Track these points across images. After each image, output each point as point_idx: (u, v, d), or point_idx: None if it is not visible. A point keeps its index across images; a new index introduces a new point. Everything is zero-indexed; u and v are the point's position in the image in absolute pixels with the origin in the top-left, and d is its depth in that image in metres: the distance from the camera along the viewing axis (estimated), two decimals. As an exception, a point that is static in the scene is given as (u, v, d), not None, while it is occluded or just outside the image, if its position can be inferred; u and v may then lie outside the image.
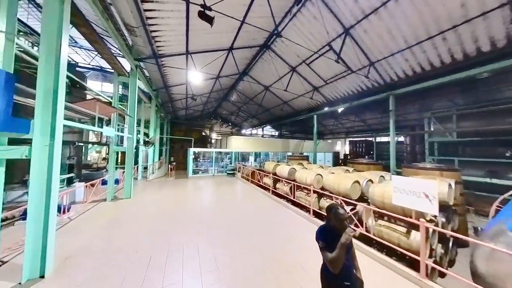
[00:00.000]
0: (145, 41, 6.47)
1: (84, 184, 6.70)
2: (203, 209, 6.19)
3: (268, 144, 17.73)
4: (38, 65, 2.87)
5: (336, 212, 1.78)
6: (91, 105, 4.41)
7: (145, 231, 4.51)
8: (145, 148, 12.00)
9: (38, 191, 2.82)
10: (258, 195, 8.21)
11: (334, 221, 1.78)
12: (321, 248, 1.78)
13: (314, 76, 11.04)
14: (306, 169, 7.27)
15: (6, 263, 3.21)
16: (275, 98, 15.47)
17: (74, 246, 3.79)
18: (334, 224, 1.78)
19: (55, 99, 2.93)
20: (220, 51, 9.02)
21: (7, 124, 2.40)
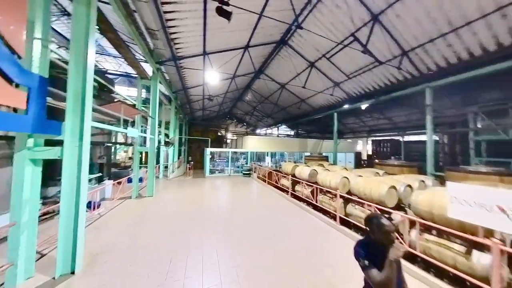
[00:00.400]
0: (165, 44, 6.64)
1: (112, 182, 7.17)
2: (221, 210, 6.11)
3: (284, 144, 17.23)
4: (68, 70, 2.99)
5: (380, 223, 1.52)
6: (117, 107, 4.60)
7: (166, 230, 4.55)
8: (166, 148, 12.55)
9: (69, 190, 2.94)
10: (276, 197, 7.89)
11: (378, 234, 1.50)
12: (364, 267, 1.47)
13: (335, 71, 10.29)
14: (329, 171, 6.74)
15: (44, 256, 3.46)
16: (292, 96, 14.93)
17: (102, 242, 3.96)
18: (378, 237, 1.51)
19: (83, 102, 3.03)
20: (236, 50, 8.92)
21: (42, 126, 2.51)
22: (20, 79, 2.18)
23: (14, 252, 2.61)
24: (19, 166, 2.66)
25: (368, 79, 9.98)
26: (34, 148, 2.81)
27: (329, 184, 5.66)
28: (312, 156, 13.36)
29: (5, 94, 2.03)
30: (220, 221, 5.16)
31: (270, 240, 4.19)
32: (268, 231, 4.60)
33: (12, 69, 2.09)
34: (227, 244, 3.99)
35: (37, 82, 2.41)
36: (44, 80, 2.56)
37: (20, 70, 2.18)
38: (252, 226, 4.93)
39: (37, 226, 2.91)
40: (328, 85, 11.61)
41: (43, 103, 2.54)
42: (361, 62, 9.00)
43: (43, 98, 2.53)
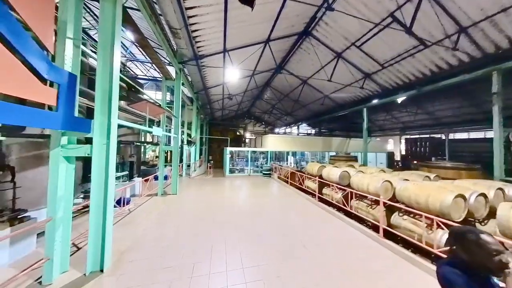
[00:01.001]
0: (187, 43, 6.64)
1: (141, 180, 7.54)
2: (244, 212, 5.82)
3: (306, 143, 16.27)
4: (96, 69, 2.99)
5: (483, 240, 1.12)
6: (143, 107, 4.67)
7: (189, 231, 4.43)
8: (188, 147, 12.94)
9: (97, 188, 2.94)
10: (302, 200, 7.29)
11: (480, 256, 1.10)
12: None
13: (367, 61, 9.13)
14: (363, 173, 5.88)
15: (80, 249, 3.60)
16: (314, 92, 13.96)
17: (130, 239, 4.00)
18: (478, 260, 1.11)
19: (110, 100, 3.00)
20: (257, 45, 8.56)
21: (71, 123, 2.50)
22: (49, 75, 2.15)
23: (50, 247, 2.68)
24: (53, 164, 2.72)
25: (409, 66, 8.57)
26: (67, 145, 2.87)
27: (366, 189, 4.86)
28: (338, 156, 12.23)
29: (35, 90, 2.00)
30: (243, 225, 4.85)
31: (299, 252, 3.70)
32: (296, 240, 4.10)
33: (41, 65, 2.06)
34: (252, 252, 3.64)
35: (66, 79, 2.40)
36: (74, 77, 2.55)
37: (49, 67, 2.15)
38: (278, 232, 4.49)
39: (71, 222, 2.98)
40: (358, 77, 10.42)
41: (73, 101, 2.53)
42: (399, 47, 7.76)
43: (72, 95, 2.52)
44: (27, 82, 1.94)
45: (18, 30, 1.83)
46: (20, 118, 1.83)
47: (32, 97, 1.98)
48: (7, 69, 1.75)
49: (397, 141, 23.70)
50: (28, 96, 1.94)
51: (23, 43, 1.87)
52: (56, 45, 2.76)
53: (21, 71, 1.87)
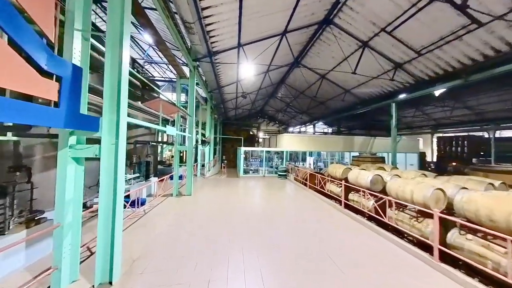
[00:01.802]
0: (200, 38, 6.37)
1: (156, 180, 7.50)
2: (261, 217, 5.33)
3: (324, 142, 15.21)
4: (104, 62, 2.74)
5: None
6: (157, 105, 4.46)
7: (204, 238, 4.08)
8: (202, 147, 12.89)
9: (106, 193, 2.69)
10: (325, 206, 6.57)
11: None
12: None
13: (399, 48, 8.00)
14: (402, 178, 4.99)
15: (93, 254, 3.44)
16: (334, 87, 12.92)
17: (143, 244, 3.77)
18: None
19: (119, 96, 2.73)
20: (273, 38, 8.01)
21: (76, 121, 2.25)
22: (49, 66, 1.88)
23: (58, 256, 2.49)
24: (61, 165, 2.53)
25: (454, 52, 7.27)
26: (76, 146, 2.66)
27: (410, 197, 4.03)
28: (362, 156, 11.11)
29: (31, 82, 1.73)
30: (261, 233, 4.37)
31: (328, 268, 3.09)
32: (323, 253, 3.50)
33: (38, 53, 1.79)
34: (273, 267, 3.13)
35: (70, 71, 2.14)
36: (79, 70, 2.30)
37: (49, 56, 1.89)
38: (300, 242, 3.92)
39: (81, 227, 2.78)
40: (387, 68, 9.26)
41: (78, 96, 2.28)
42: (443, 29, 6.57)
43: (77, 89, 2.27)
44: (20, 72, 1.67)
45: (9, 11, 1.56)
46: (9, 114, 1.56)
47: (27, 89, 1.72)
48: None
49: (427, 139, 21.20)
50: (21, 88, 1.68)
51: (15, 26, 1.59)
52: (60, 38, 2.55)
53: (11, 58, 1.60)
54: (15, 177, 3.08)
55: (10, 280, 2.68)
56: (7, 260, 2.80)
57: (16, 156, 3.12)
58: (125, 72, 2.85)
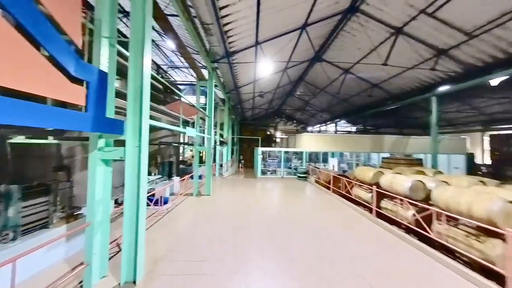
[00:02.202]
0: (218, 39, 6.36)
1: (178, 179, 7.82)
2: (284, 223, 5.06)
3: (348, 142, 14.04)
4: (128, 67, 2.80)
5: None
6: (177, 107, 4.55)
7: (223, 241, 4.00)
8: (221, 147, 13.11)
9: (131, 194, 2.75)
10: (351, 213, 5.96)
11: None
12: None
13: (443, 31, 6.84)
14: (451, 185, 4.17)
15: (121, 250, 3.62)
16: (359, 82, 11.83)
17: (165, 244, 3.85)
18: None
19: (141, 100, 2.76)
20: (291, 33, 7.62)
21: (102, 124, 2.32)
22: (77, 72, 1.94)
23: (89, 253, 2.62)
24: (92, 167, 2.66)
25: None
26: (105, 148, 2.78)
27: (466, 210, 3.30)
28: (395, 158, 9.89)
29: (61, 88, 1.79)
30: (282, 244, 4.10)
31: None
32: (361, 281, 2.96)
33: (68, 60, 1.85)
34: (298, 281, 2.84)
35: (96, 76, 2.20)
36: (104, 75, 2.37)
37: (77, 63, 1.95)
38: (329, 256, 3.52)
39: (109, 226, 2.91)
40: (426, 56, 8.04)
41: (104, 100, 2.35)
42: (504, 3, 5.35)
43: (103, 94, 2.34)
44: (52, 79, 1.74)
45: (43, 23, 1.62)
46: (42, 120, 1.63)
47: (58, 96, 1.79)
48: (30, 65, 1.54)
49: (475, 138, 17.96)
50: (53, 94, 1.75)
51: (47, 36, 1.65)
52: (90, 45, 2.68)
53: (45, 67, 1.66)
54: (58, 176, 3.40)
55: (52, 271, 2.94)
56: (51, 252, 3.09)
57: (58, 157, 3.47)
58: (146, 75, 2.89)
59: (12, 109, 1.41)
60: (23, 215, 2.77)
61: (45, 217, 3.09)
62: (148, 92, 2.93)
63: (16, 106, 1.43)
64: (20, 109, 1.45)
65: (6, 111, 1.38)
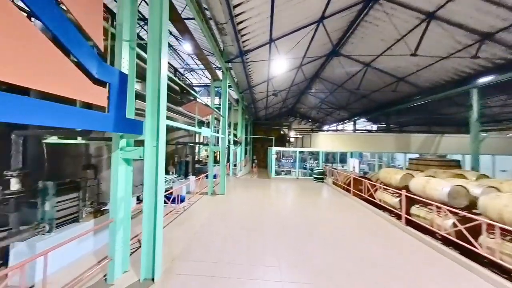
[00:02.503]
0: (232, 39, 6.33)
1: (194, 178, 8.02)
2: (298, 226, 4.83)
3: (370, 141, 13.05)
4: (146, 69, 2.86)
5: None
6: (192, 107, 4.61)
7: (238, 242, 3.94)
8: (234, 147, 13.19)
9: (149, 193, 2.81)
10: (376, 220, 5.46)
11: None
12: None
13: (489, 12, 5.91)
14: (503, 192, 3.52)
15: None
16: (382, 76, 10.91)
17: (182, 242, 3.91)
18: None
19: (158, 100, 2.80)
20: (307, 28, 7.28)
21: (122, 125, 2.39)
22: (99, 74, 2.00)
23: (112, 248, 2.73)
24: (114, 166, 2.77)
25: None
26: (126, 148, 2.88)
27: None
28: (425, 159, 8.89)
29: (84, 89, 1.85)
30: (301, 247, 3.88)
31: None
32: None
33: (91, 63, 1.91)
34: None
35: (117, 78, 2.26)
36: (125, 76, 2.43)
37: (99, 65, 2.01)
38: (356, 275, 3.22)
39: (130, 222, 3.01)
40: (465, 42, 7.06)
41: (124, 101, 2.42)
42: None
43: (123, 95, 2.40)
44: (77, 82, 1.81)
45: (71, 31, 1.69)
46: (67, 120, 1.69)
47: (82, 97, 1.86)
48: (59, 69, 1.61)
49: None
50: (78, 96, 1.82)
51: (75, 43, 1.72)
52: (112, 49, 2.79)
53: (72, 71, 1.73)
54: (87, 174, 3.65)
55: (81, 262, 3.15)
56: (82, 245, 3.32)
57: (87, 156, 3.74)
58: (163, 76, 2.93)
59: (40, 110, 1.48)
60: (57, 209, 3.00)
61: (76, 212, 3.32)
62: (165, 93, 2.96)
63: (43, 107, 1.50)
64: (46, 110, 1.52)
65: (35, 112, 1.45)
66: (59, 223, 3.06)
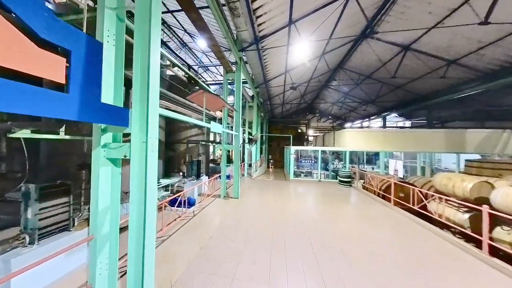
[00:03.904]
0: (246, 21, 5.52)
1: (207, 180, 7.47)
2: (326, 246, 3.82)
3: (411, 138, 10.94)
4: (134, 43, 2.20)
5: None
6: (200, 98, 3.93)
7: (253, 260, 3.12)
8: (249, 146, 12.46)
9: (137, 202, 2.14)
10: (437, 242, 4.12)
11: None
12: None
13: None
14: None
15: (139, 261, 3.19)
16: (427, 59, 9.02)
17: (183, 259, 3.25)
18: None
19: (148, 82, 2.11)
20: (335, 3, 6.10)
21: (95, 112, 1.72)
22: (50, 33, 1.34)
23: (93, 272, 2.13)
24: (95, 167, 2.17)
25: None
26: (111, 144, 2.27)
27: None
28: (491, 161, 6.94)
29: (22, 54, 1.20)
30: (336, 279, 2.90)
31: None
32: None
33: (33, 13, 1.25)
34: None
35: (83, 45, 1.60)
36: (98, 45, 1.78)
37: (50, 20, 1.35)
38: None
39: (118, 238, 2.40)
40: None
41: (97, 79, 1.75)
42: None
43: (95, 70, 1.74)
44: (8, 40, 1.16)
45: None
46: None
47: (15, 64, 1.21)
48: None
49: None
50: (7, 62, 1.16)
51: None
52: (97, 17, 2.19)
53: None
54: (81, 174, 3.20)
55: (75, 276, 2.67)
56: (73, 257, 2.86)
57: (82, 154, 3.33)
58: (155, 50, 2.23)
59: None
60: (41, 217, 2.53)
61: (66, 219, 2.86)
62: (157, 73, 2.27)
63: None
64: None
65: None
66: (44, 233, 2.60)
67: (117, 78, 2.34)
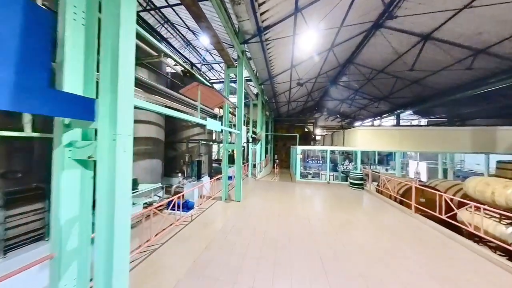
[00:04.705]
0: (248, 9, 5.05)
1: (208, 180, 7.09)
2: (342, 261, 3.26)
3: (433, 137, 9.91)
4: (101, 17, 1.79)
5: None
6: (194, 92, 3.51)
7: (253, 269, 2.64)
8: (253, 145, 12.00)
9: (105, 216, 1.74)
10: (477, 263, 3.43)
11: None
12: None
13: None
14: None
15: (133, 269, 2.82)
16: (450, 49, 8.12)
17: (175, 274, 2.83)
18: None
19: (117, 64, 1.69)
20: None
21: (41, 101, 1.31)
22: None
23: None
24: (57, 170, 1.78)
25: None
26: (77, 143, 1.88)
27: None
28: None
29: None
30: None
31: None
32: None
33: None
34: None
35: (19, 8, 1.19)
36: (47, 14, 1.36)
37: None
38: None
39: (89, 257, 2.01)
40: None
41: (44, 58, 1.35)
42: None
43: (44, 44, 1.33)
44: None
45: None
46: None
47: None
48: None
49: None
50: None
51: None
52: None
53: None
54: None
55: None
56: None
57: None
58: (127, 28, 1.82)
59: None
60: (8, 226, 2.20)
61: (40, 228, 2.53)
62: (131, 54, 1.86)
63: None
64: None
65: None
66: (11, 244, 2.27)
67: (87, 64, 1.96)
